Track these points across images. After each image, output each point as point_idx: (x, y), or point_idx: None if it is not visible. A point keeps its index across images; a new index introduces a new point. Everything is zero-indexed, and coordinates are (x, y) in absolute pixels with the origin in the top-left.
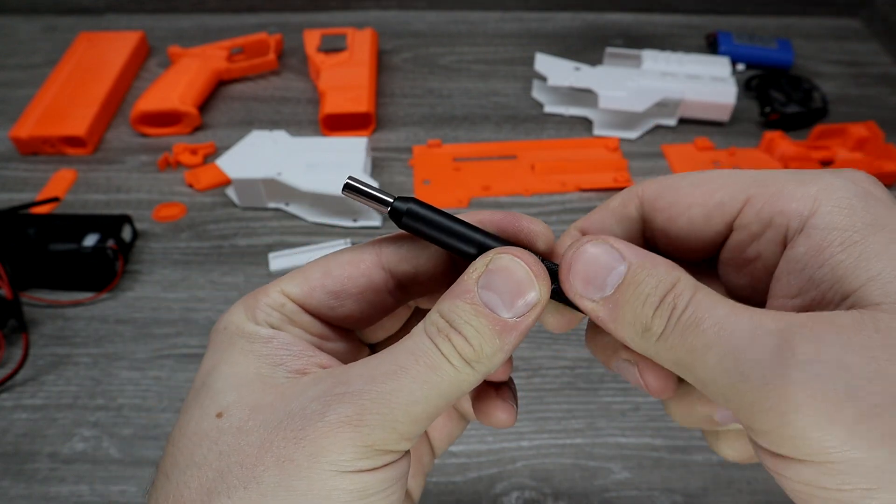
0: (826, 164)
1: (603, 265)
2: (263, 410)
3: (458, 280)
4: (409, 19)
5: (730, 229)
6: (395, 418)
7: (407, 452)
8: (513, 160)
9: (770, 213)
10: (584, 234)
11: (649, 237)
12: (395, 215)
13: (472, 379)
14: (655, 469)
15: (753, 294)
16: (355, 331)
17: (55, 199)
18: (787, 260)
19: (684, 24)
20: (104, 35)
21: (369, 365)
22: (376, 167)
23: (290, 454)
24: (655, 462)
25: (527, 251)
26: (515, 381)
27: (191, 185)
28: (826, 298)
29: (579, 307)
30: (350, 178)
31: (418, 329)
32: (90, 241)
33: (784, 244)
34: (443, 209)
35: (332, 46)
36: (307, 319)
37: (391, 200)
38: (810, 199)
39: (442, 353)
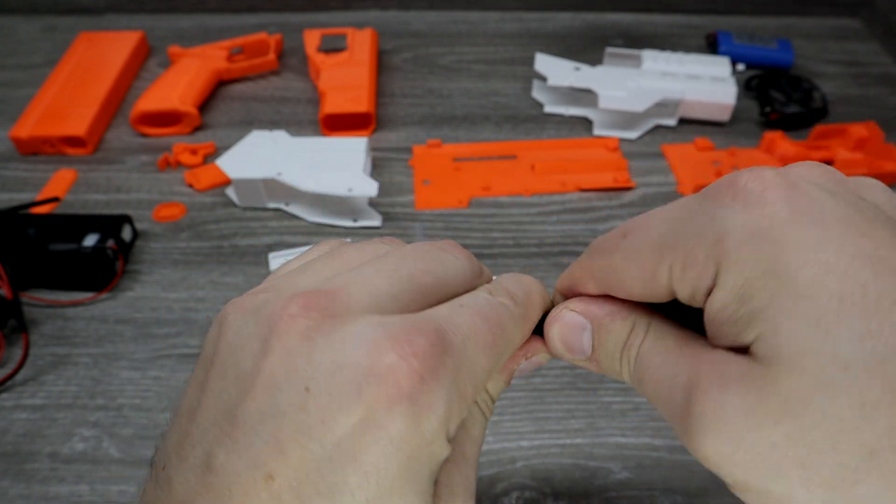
0: (826, 163)
1: (576, 328)
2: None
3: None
4: (409, 19)
5: (671, 294)
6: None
7: None
8: (513, 160)
9: (688, 287)
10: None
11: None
12: None
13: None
14: (656, 469)
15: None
16: None
17: (55, 199)
18: (707, 313)
19: (684, 24)
20: (104, 35)
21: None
22: (376, 167)
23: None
24: (656, 462)
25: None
26: (515, 381)
27: (191, 185)
28: (735, 344)
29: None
30: None
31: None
32: (90, 241)
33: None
34: None
35: (332, 46)
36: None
37: None
38: (711, 265)
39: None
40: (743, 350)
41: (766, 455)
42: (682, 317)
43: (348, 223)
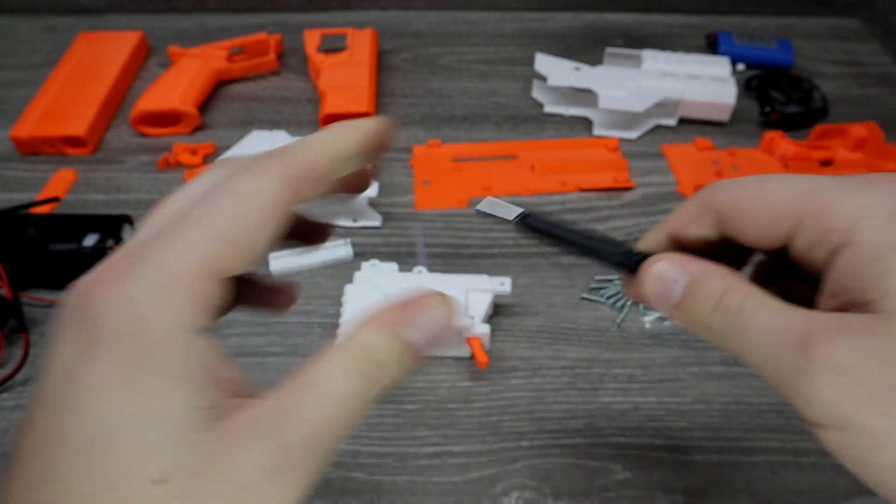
0: (826, 164)
1: (670, 279)
2: (205, 480)
3: (384, 311)
4: (409, 19)
5: (789, 238)
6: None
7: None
8: (513, 160)
9: (817, 233)
10: (672, 238)
11: (726, 234)
12: (522, 219)
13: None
14: (656, 469)
15: (810, 286)
16: None
17: (55, 199)
18: (831, 268)
19: (684, 24)
20: (104, 35)
21: (299, 414)
22: (376, 167)
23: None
24: (656, 462)
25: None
26: (516, 381)
27: None
28: (855, 302)
29: (658, 310)
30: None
31: (335, 367)
32: (90, 241)
33: (830, 254)
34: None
35: (332, 46)
36: (221, 296)
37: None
38: (851, 218)
39: (368, 399)
40: (857, 307)
41: (881, 396)
42: None
43: (348, 223)
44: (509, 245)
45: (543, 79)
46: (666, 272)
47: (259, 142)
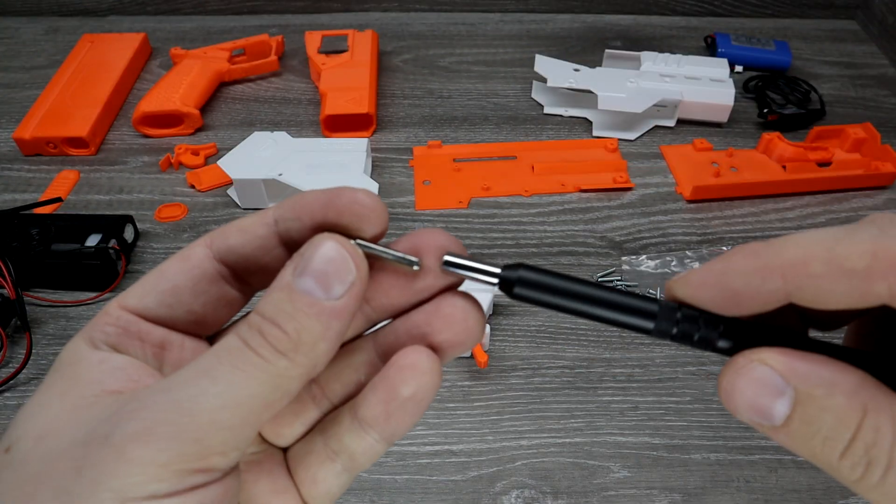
0: (823, 164)
1: (766, 392)
2: (48, 438)
3: (279, 275)
4: (409, 21)
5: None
6: (196, 428)
7: (232, 471)
8: (513, 161)
9: None
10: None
11: (795, 299)
12: (506, 286)
13: (294, 372)
14: (654, 468)
15: None
16: (205, 336)
17: (58, 200)
18: None
19: (683, 25)
20: (107, 37)
21: (171, 376)
22: (377, 168)
23: (67, 485)
24: (654, 461)
25: (341, 236)
26: (515, 381)
27: (192, 186)
28: None
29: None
30: (449, 254)
31: (229, 331)
32: (92, 241)
33: None
34: (557, 272)
35: (333, 48)
36: (146, 328)
37: (498, 271)
38: None
39: (250, 348)
40: None
41: None
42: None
43: None
44: (509, 245)
45: (543, 80)
46: (763, 380)
47: (260, 142)
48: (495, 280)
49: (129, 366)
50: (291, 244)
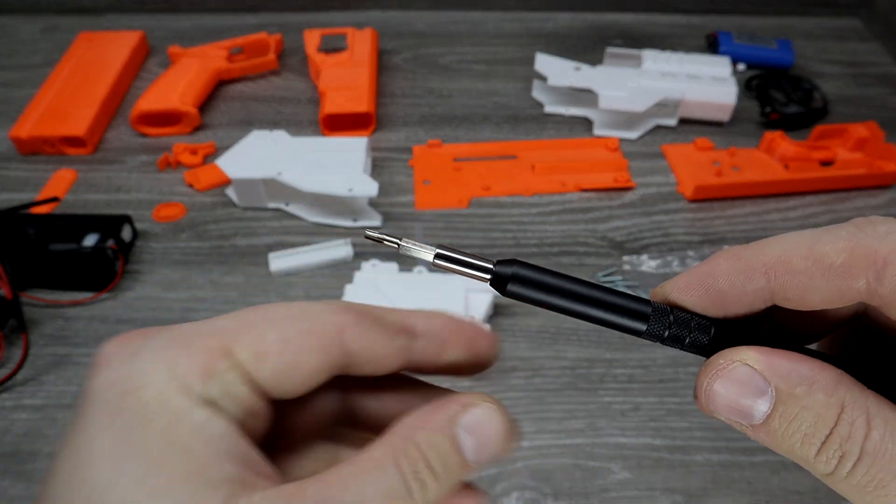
0: (826, 164)
1: (745, 392)
2: None
3: (434, 406)
4: (409, 19)
5: (864, 297)
6: None
7: None
8: (513, 160)
9: None
10: (708, 293)
11: (779, 300)
12: (498, 282)
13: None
14: (656, 469)
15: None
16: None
17: (55, 199)
18: None
19: (684, 24)
20: (104, 35)
21: None
22: (376, 167)
23: None
24: (656, 462)
25: (502, 407)
26: (516, 382)
27: (191, 185)
28: None
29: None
30: (440, 246)
31: (390, 465)
32: (90, 240)
33: None
34: (553, 270)
35: (333, 46)
36: (244, 393)
37: (490, 266)
38: None
39: (413, 499)
40: None
41: None
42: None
43: (348, 223)
44: (509, 245)
45: (543, 79)
46: (744, 380)
47: (259, 142)
48: (487, 276)
49: (227, 436)
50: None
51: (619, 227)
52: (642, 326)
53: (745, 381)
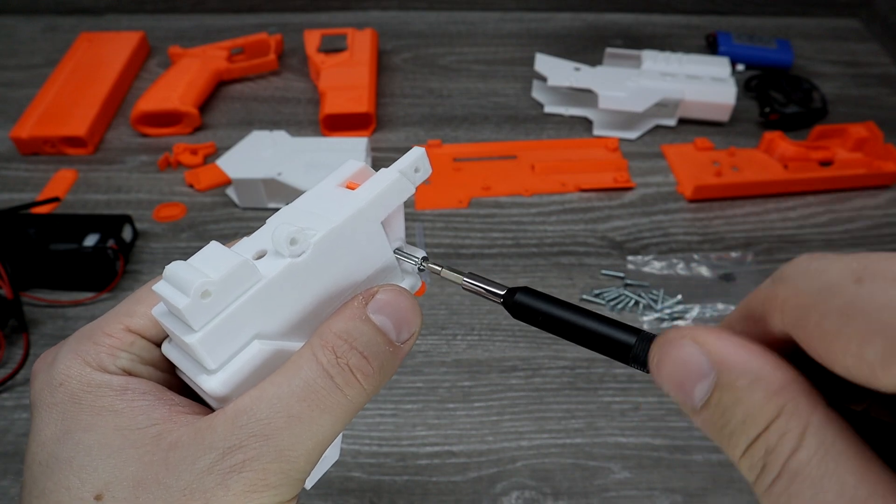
0: (825, 164)
1: (690, 371)
2: (150, 487)
3: (346, 305)
4: (409, 19)
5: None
6: (298, 470)
7: None
8: (513, 160)
9: None
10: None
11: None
12: (507, 307)
13: (364, 401)
14: (655, 469)
15: None
16: None
17: (56, 199)
18: None
19: (684, 24)
20: (105, 35)
21: (257, 417)
22: (376, 167)
23: None
24: (655, 462)
25: (402, 287)
26: (516, 381)
27: (191, 185)
28: None
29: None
30: (470, 273)
31: (307, 360)
32: (91, 241)
33: None
34: (554, 297)
35: (333, 47)
36: (157, 355)
37: (502, 293)
38: None
39: (337, 387)
40: None
41: None
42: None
43: None
44: (509, 245)
45: (543, 79)
46: (690, 359)
47: (259, 142)
48: (500, 300)
49: (151, 391)
50: None
51: (618, 227)
52: (627, 354)
53: (689, 361)
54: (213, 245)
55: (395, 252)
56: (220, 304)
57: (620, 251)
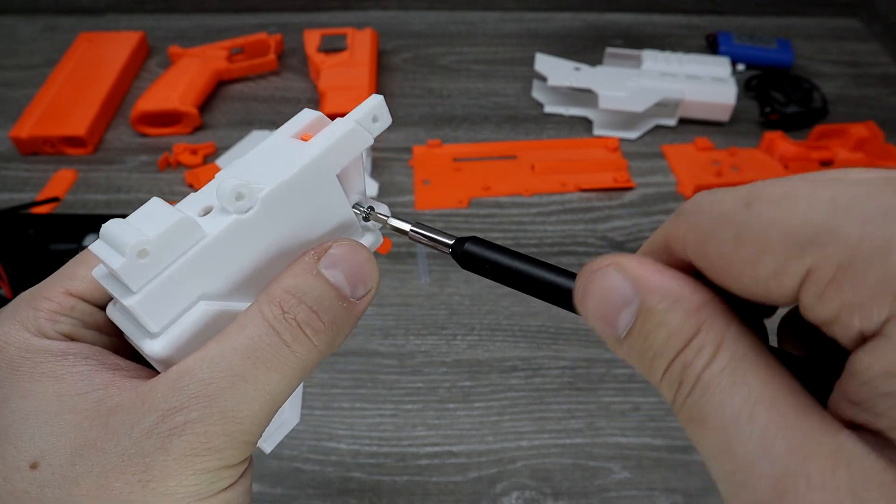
0: (826, 164)
1: (615, 299)
2: (88, 453)
3: (297, 261)
4: (409, 19)
5: (795, 299)
6: (244, 433)
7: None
8: (513, 160)
9: (834, 307)
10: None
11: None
12: (455, 257)
13: (317, 359)
14: (655, 469)
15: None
16: None
17: (55, 199)
18: (852, 363)
19: (684, 24)
20: (104, 35)
21: (199, 377)
22: (376, 167)
23: (138, 499)
24: (655, 462)
25: (359, 242)
26: (516, 381)
27: (191, 186)
28: (870, 425)
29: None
30: (416, 223)
31: (252, 317)
32: (90, 241)
33: (857, 339)
34: (506, 247)
35: (333, 46)
36: (103, 318)
37: (450, 242)
38: (887, 304)
39: (285, 344)
40: (872, 434)
41: None
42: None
43: None
44: (508, 244)
45: (543, 79)
46: (611, 287)
47: (259, 142)
48: (449, 249)
49: (94, 355)
50: None
51: (618, 227)
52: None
53: (613, 288)
54: (155, 201)
55: (353, 207)
56: (160, 264)
57: (621, 251)
